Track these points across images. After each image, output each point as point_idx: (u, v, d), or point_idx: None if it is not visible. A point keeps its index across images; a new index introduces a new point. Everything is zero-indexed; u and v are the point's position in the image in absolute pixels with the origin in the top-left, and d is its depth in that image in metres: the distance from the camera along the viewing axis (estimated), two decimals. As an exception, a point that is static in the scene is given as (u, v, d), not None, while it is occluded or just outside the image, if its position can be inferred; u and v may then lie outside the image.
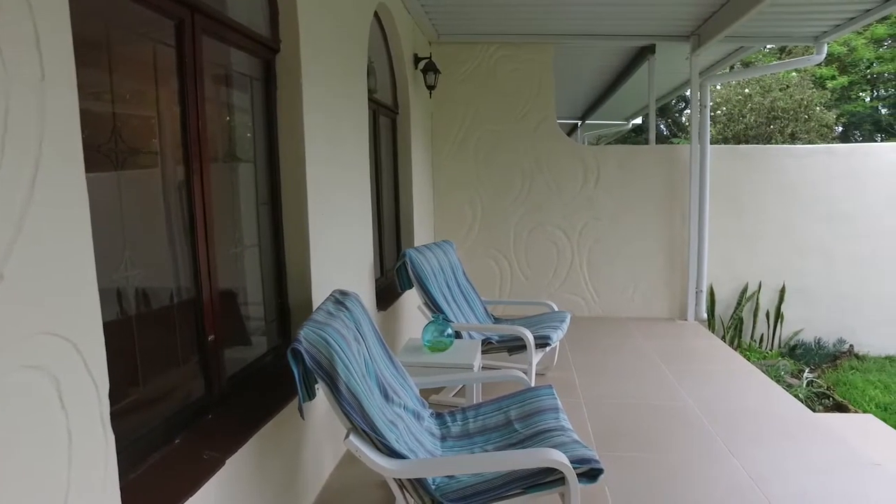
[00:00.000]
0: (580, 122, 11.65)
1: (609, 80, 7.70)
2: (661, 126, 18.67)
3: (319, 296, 2.58)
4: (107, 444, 1.23)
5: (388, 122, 4.52)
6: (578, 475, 1.79)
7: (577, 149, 5.93)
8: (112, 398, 1.25)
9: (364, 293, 3.28)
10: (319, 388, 1.89)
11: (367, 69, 3.50)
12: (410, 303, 4.28)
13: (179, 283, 1.87)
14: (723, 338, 5.85)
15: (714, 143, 6.59)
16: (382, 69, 4.36)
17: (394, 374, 2.35)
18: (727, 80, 12.78)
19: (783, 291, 5.98)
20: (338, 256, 2.92)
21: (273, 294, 2.52)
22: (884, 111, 16.06)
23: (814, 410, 4.73)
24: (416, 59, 4.86)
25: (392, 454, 1.82)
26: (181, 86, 1.85)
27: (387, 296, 3.94)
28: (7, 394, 0.99)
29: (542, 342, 3.50)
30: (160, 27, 1.77)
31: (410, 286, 3.70)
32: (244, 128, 2.36)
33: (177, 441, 1.73)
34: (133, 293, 1.65)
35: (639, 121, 11.37)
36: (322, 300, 2.28)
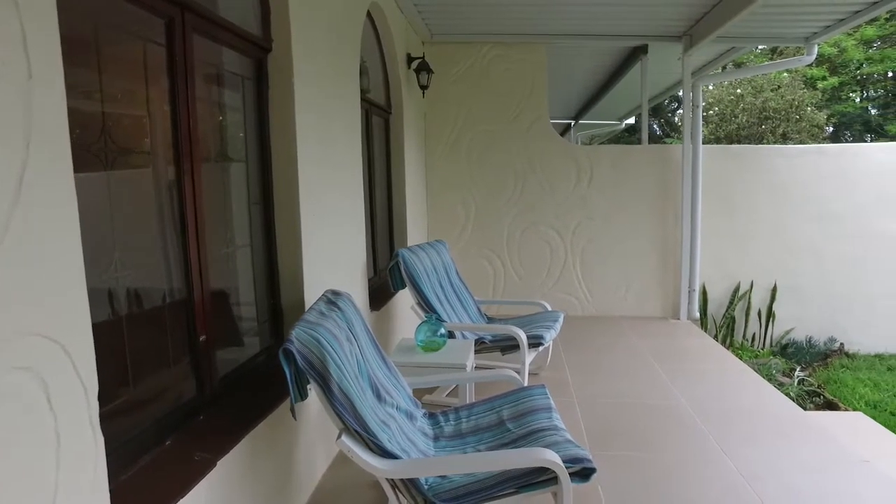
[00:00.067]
0: (573, 122, 11.69)
1: (602, 80, 7.72)
2: (654, 126, 18.76)
3: (312, 296, 2.57)
4: (96, 447, 1.22)
5: (381, 122, 4.52)
6: (571, 474, 1.79)
7: (570, 149, 5.94)
8: (102, 400, 1.24)
9: (357, 293, 3.27)
10: (312, 389, 1.88)
11: (360, 69, 3.49)
12: (404, 303, 4.27)
13: (170, 284, 1.86)
14: (715, 337, 5.88)
15: (706, 143, 6.63)
16: (375, 69, 4.35)
17: (386, 375, 2.34)
18: (719, 81, 12.85)
19: (775, 290, 6.01)
20: (330, 256, 2.91)
21: (265, 294, 2.51)
22: (873, 111, 16.20)
23: (805, 409, 4.77)
24: (410, 59, 4.85)
25: (384, 454, 1.82)
26: (172, 85, 1.84)
27: (380, 296, 3.93)
28: (-6, 396, 0.98)
29: (535, 342, 3.51)
30: (150, 26, 1.76)
31: (403, 286, 3.70)
32: (236, 127, 2.35)
33: (168, 442, 1.72)
34: (123, 294, 1.64)
35: (632, 121, 11.42)
36: (314, 300, 2.28)
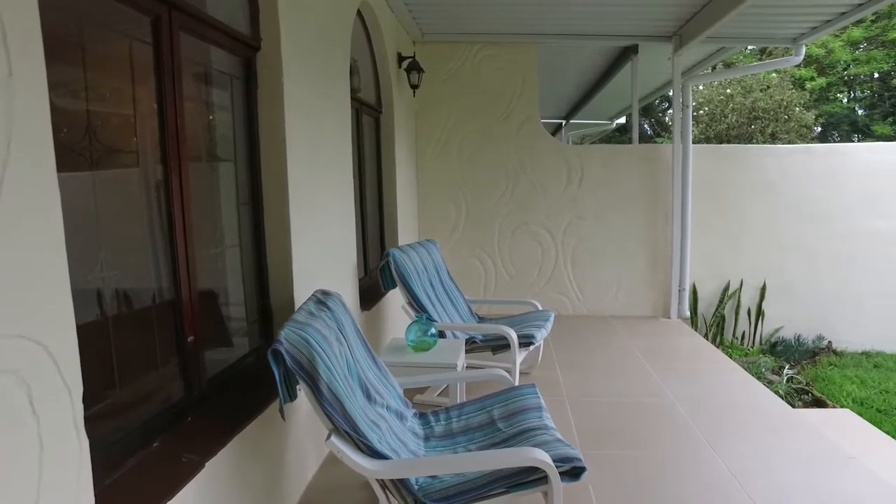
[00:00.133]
0: (564, 122, 11.72)
1: (593, 80, 7.74)
2: (646, 126, 18.86)
3: (301, 296, 2.55)
4: (80, 450, 1.20)
5: (372, 122, 4.50)
6: (561, 474, 1.79)
7: (561, 148, 5.95)
8: (87, 402, 1.23)
9: (347, 293, 3.26)
10: (301, 389, 1.87)
11: (350, 68, 3.48)
12: (394, 302, 4.26)
13: (158, 284, 1.84)
14: (705, 335, 5.91)
15: (696, 143, 6.66)
16: (366, 68, 4.34)
17: (376, 375, 2.34)
18: (709, 81, 12.93)
19: (764, 289, 6.06)
20: (320, 256, 2.89)
21: (254, 294, 2.49)
22: (860, 112, 16.38)
23: (793, 406, 4.81)
24: (400, 59, 4.84)
25: (374, 455, 1.81)
26: (158, 84, 1.82)
27: (370, 296, 3.92)
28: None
29: (526, 341, 3.51)
30: (136, 23, 1.74)
31: (394, 286, 3.69)
32: (224, 127, 2.33)
33: (155, 444, 1.70)
34: (110, 294, 1.62)
35: (623, 120, 11.47)
36: (304, 300, 2.26)
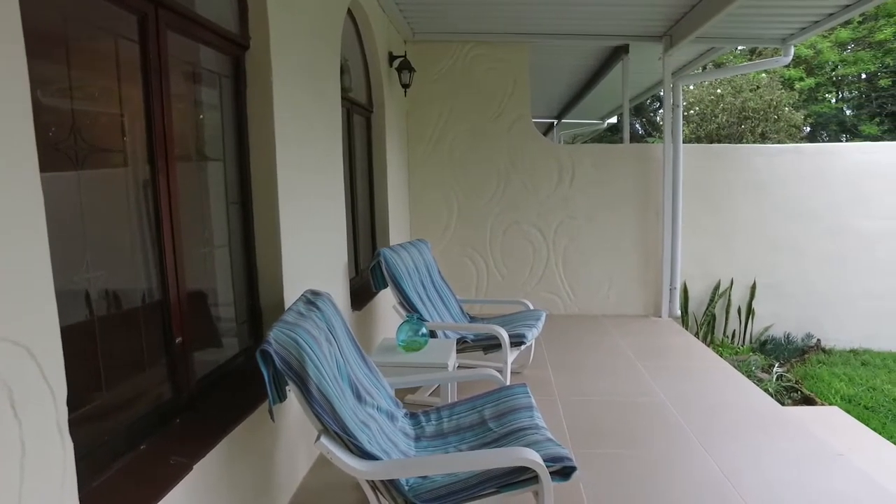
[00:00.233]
0: (556, 122, 11.74)
1: (584, 80, 7.76)
2: (637, 125, 18.93)
3: (291, 296, 2.54)
4: (64, 453, 1.19)
5: (363, 121, 4.49)
6: (552, 473, 1.79)
7: (553, 148, 5.97)
8: (72, 404, 1.21)
9: (338, 293, 3.24)
10: (290, 390, 1.86)
11: (341, 67, 3.46)
12: (385, 302, 4.25)
13: (145, 285, 1.82)
14: (696, 334, 5.94)
15: (687, 143, 6.70)
16: (356, 68, 4.32)
17: (367, 375, 2.33)
18: (699, 81, 13.00)
19: (754, 288, 6.10)
20: (310, 256, 2.88)
21: (244, 295, 2.47)
22: (848, 112, 16.53)
23: (783, 404, 4.84)
24: (391, 58, 4.83)
25: (364, 455, 1.80)
26: (145, 82, 1.80)
27: (361, 296, 3.91)
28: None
29: (518, 340, 3.51)
30: (123, 22, 1.72)
31: (385, 286, 3.68)
32: (213, 126, 2.31)
33: (142, 447, 1.68)
34: (95, 295, 1.60)
35: (614, 120, 11.51)
36: (294, 301, 2.25)
